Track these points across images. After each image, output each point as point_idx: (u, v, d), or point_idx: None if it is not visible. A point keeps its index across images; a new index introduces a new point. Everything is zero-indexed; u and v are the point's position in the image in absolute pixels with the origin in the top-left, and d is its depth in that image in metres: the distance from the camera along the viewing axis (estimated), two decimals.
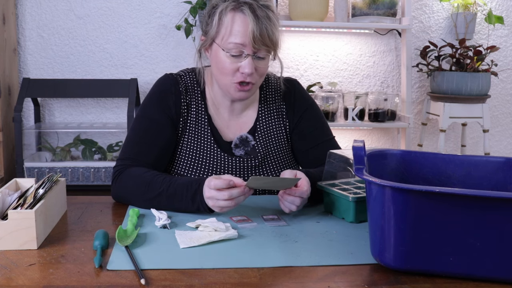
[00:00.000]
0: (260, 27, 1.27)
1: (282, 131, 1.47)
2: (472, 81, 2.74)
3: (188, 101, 1.41)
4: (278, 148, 1.45)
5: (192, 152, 1.40)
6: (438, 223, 0.86)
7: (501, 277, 0.87)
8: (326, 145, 1.45)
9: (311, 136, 1.47)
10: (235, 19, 1.28)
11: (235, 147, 1.42)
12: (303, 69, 3.06)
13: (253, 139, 1.43)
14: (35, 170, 2.58)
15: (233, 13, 1.29)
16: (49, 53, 2.88)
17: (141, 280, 0.86)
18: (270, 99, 1.48)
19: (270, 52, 1.33)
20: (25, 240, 0.99)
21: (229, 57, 1.30)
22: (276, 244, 1.04)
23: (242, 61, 1.30)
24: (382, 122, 2.91)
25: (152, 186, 1.24)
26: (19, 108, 2.57)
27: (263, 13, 1.28)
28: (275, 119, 1.47)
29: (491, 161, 1.10)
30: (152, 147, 1.36)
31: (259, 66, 1.32)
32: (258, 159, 1.41)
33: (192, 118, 1.41)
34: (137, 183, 1.27)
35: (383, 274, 0.92)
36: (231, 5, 1.29)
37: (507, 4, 3.14)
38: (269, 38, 1.29)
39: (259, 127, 1.45)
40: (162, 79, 1.44)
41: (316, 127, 1.48)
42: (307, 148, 1.47)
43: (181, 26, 2.77)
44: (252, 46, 1.28)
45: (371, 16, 2.82)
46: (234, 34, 1.28)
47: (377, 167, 1.08)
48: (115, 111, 2.97)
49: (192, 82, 1.44)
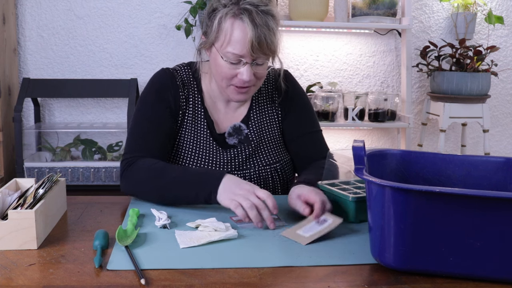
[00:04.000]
0: (259, 36, 1.26)
1: (274, 119, 1.49)
2: (472, 81, 2.74)
3: (186, 94, 1.43)
4: (271, 136, 1.47)
5: (189, 144, 1.41)
6: (438, 223, 0.86)
7: (501, 277, 0.87)
8: (313, 136, 1.49)
9: (300, 125, 1.49)
10: (234, 27, 1.28)
11: (228, 135, 1.44)
12: (303, 69, 3.06)
13: (246, 127, 1.45)
14: (35, 170, 2.58)
15: (232, 20, 1.28)
16: (49, 53, 2.88)
17: (141, 280, 0.86)
18: (264, 89, 1.50)
19: (269, 58, 1.34)
20: (25, 240, 0.99)
21: (227, 64, 1.31)
22: (276, 244, 1.04)
23: (240, 68, 1.31)
24: (382, 122, 2.91)
25: (164, 173, 1.26)
26: (19, 108, 2.57)
27: (262, 20, 1.27)
28: (268, 108, 1.49)
29: (491, 161, 1.10)
30: (156, 138, 1.37)
31: (258, 72, 1.33)
32: (251, 147, 1.43)
33: (189, 111, 1.43)
34: (148, 172, 1.28)
35: (383, 274, 0.92)
36: (231, 12, 1.28)
37: (507, 4, 3.14)
38: (268, 47, 1.29)
39: (252, 116, 1.47)
40: (159, 74, 1.45)
41: (304, 118, 1.51)
42: (296, 136, 1.49)
43: (181, 26, 2.77)
44: (251, 55, 1.28)
45: (371, 16, 2.82)
46: (232, 44, 1.28)
47: (377, 167, 1.08)
48: (115, 111, 2.97)
49: (188, 76, 1.46)
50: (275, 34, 1.30)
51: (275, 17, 1.31)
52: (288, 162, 1.49)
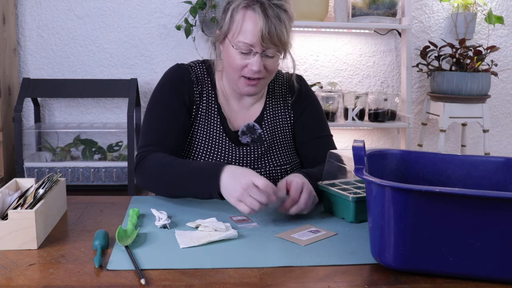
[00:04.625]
0: (269, 26, 1.29)
1: (287, 121, 1.50)
2: (472, 81, 2.74)
3: (200, 90, 1.44)
4: (283, 138, 1.48)
5: (202, 140, 1.42)
6: (438, 223, 0.86)
7: (501, 277, 0.87)
8: (324, 140, 1.50)
9: (310, 129, 1.50)
10: (245, 17, 1.31)
11: (242, 134, 1.45)
12: (303, 69, 3.06)
13: (259, 127, 1.46)
14: (35, 170, 2.58)
15: (244, 10, 1.31)
16: (49, 53, 2.88)
17: (141, 280, 0.86)
18: (278, 90, 1.51)
19: (280, 51, 1.35)
20: (25, 240, 0.99)
21: (238, 53, 1.33)
22: (276, 244, 1.04)
23: (250, 59, 1.32)
24: (382, 122, 2.91)
25: (172, 166, 1.26)
26: (19, 108, 2.57)
27: (274, 12, 1.30)
28: (281, 110, 1.50)
29: (491, 161, 1.10)
30: (170, 132, 1.38)
31: (268, 64, 1.34)
32: (264, 147, 1.44)
33: (203, 106, 1.43)
34: (159, 167, 1.29)
35: (383, 274, 0.92)
36: (244, 3, 1.31)
37: (507, 4, 3.14)
38: (278, 38, 1.30)
39: (266, 117, 1.48)
40: (174, 68, 1.46)
41: (316, 121, 1.52)
42: (306, 140, 1.49)
43: (181, 26, 2.77)
44: (261, 45, 1.30)
45: (371, 16, 2.82)
46: (243, 32, 1.31)
47: (377, 167, 1.08)
48: (115, 111, 2.97)
49: (202, 72, 1.47)
50: (286, 27, 1.32)
51: (288, 12, 1.33)
52: (297, 164, 1.50)
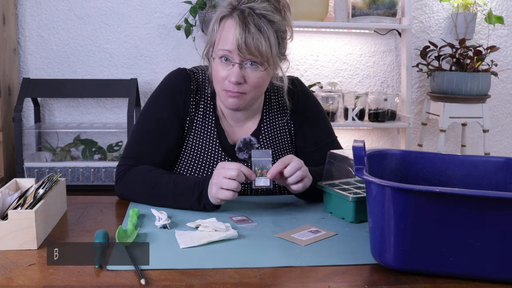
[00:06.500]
0: (246, 36, 1.23)
1: (286, 133, 1.45)
2: (472, 81, 2.74)
3: (197, 100, 1.40)
4: (282, 150, 1.44)
5: (197, 153, 1.38)
6: (438, 223, 0.86)
7: (501, 277, 0.87)
8: (329, 147, 1.43)
9: (314, 139, 1.46)
10: (225, 25, 1.28)
11: (238, 150, 1.40)
12: (303, 69, 3.06)
13: (256, 141, 1.41)
14: (35, 170, 2.58)
15: (226, 19, 1.29)
16: (49, 53, 2.88)
17: (141, 280, 0.86)
18: (274, 101, 1.46)
19: (262, 63, 1.27)
20: (25, 240, 0.99)
21: (220, 64, 1.29)
22: (276, 244, 1.04)
23: (230, 69, 1.28)
24: (382, 122, 2.91)
25: (158, 187, 1.25)
26: (19, 108, 2.57)
27: (255, 21, 1.24)
28: (279, 121, 1.45)
29: (491, 161, 1.10)
30: (157, 148, 1.36)
31: (249, 77, 1.28)
32: None
33: (199, 117, 1.39)
34: (142, 184, 1.28)
35: (383, 274, 0.92)
36: (225, 11, 1.29)
37: (507, 4, 3.14)
38: (256, 48, 1.24)
39: (263, 130, 1.43)
40: (174, 74, 1.42)
41: (319, 129, 1.48)
42: (311, 150, 1.45)
43: (181, 26, 2.77)
44: (238, 55, 1.26)
45: (371, 16, 2.82)
46: (222, 40, 1.28)
47: (377, 167, 1.08)
48: (115, 111, 2.97)
49: (203, 80, 1.42)
50: (269, 39, 1.25)
51: (274, 23, 1.27)
52: None
